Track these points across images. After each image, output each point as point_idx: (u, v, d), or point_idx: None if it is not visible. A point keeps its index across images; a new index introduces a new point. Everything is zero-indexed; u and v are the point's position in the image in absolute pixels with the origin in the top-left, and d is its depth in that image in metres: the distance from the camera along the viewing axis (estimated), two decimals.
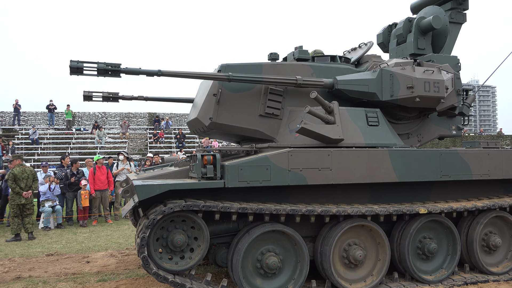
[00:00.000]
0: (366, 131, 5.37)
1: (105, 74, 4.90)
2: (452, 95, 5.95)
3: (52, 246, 8.23)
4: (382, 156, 5.05)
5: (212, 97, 5.32)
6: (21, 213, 8.96)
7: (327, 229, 5.03)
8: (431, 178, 5.30)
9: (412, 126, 6.40)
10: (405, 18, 6.87)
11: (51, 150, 21.61)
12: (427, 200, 5.71)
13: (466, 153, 5.52)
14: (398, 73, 5.54)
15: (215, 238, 4.83)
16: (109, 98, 5.77)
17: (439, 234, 5.50)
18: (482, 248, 5.71)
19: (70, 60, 4.75)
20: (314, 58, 6.01)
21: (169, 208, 4.25)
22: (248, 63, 5.44)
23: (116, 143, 23.67)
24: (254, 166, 4.56)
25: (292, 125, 5.35)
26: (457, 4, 6.98)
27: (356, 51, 6.62)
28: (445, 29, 6.75)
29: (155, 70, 5.01)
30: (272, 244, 4.82)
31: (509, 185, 6.21)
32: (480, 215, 5.66)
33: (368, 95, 5.61)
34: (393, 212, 5.04)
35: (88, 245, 8.25)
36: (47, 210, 10.25)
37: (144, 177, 5.14)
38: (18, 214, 8.90)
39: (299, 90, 5.49)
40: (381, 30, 7.50)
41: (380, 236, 5.11)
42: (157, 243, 4.46)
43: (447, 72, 5.86)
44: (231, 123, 5.36)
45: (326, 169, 4.79)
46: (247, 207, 4.52)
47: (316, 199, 5.17)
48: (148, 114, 28.58)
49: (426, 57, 6.44)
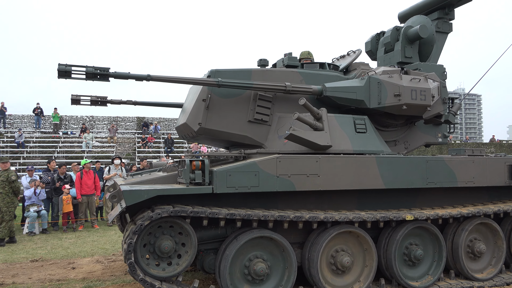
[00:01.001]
0: (354, 138, 5.41)
1: (94, 78, 4.87)
2: (438, 103, 6.05)
3: (36, 252, 8.10)
4: (370, 163, 5.10)
5: (201, 102, 5.32)
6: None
7: (315, 235, 5.05)
8: (418, 185, 5.36)
9: (399, 134, 6.48)
10: (393, 27, 6.98)
11: (37, 153, 21.32)
12: (414, 207, 5.77)
13: (452, 160, 5.60)
14: (385, 81, 5.62)
15: (203, 244, 4.81)
16: (97, 102, 5.74)
17: (425, 240, 5.56)
18: (467, 254, 5.78)
19: (58, 64, 4.71)
20: (303, 65, 6.06)
21: (157, 213, 4.22)
22: (237, 69, 5.46)
23: (103, 147, 23.45)
24: (243, 172, 4.56)
25: (281, 131, 5.37)
26: (444, 14, 7.12)
27: (345, 58, 6.69)
28: (431, 38, 6.87)
29: (144, 75, 5.00)
30: (260, 250, 4.82)
31: (493, 192, 6.32)
32: (465, 222, 5.73)
33: (356, 102, 5.67)
34: (380, 218, 5.08)
35: (73, 251, 8.13)
36: (32, 215, 10.09)
37: (131, 182, 5.10)
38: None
39: (288, 97, 5.52)
40: (369, 38, 7.60)
41: (367, 242, 5.15)
42: (144, 249, 4.42)
43: (433, 81, 5.95)
44: (220, 128, 5.36)
45: (314, 175, 4.82)
46: (235, 213, 4.51)
47: (304, 205, 5.19)
48: (137, 118, 28.42)
49: (413, 66, 6.53)
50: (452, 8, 7.13)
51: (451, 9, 7.14)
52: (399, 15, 7.92)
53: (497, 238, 5.97)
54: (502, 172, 5.94)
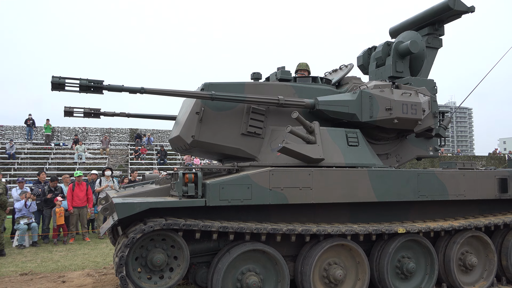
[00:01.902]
0: (346, 151, 5.46)
1: (87, 90, 4.87)
2: (429, 117, 6.13)
3: (26, 265, 7.98)
4: (362, 176, 5.14)
5: (194, 115, 5.35)
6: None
7: (307, 248, 5.05)
8: (409, 198, 5.40)
9: (391, 147, 6.54)
10: (384, 42, 7.10)
11: (28, 165, 21.13)
12: (406, 220, 5.80)
13: (443, 173, 5.66)
14: (377, 95, 5.69)
15: (195, 257, 4.78)
16: (90, 114, 5.74)
17: (417, 253, 5.58)
18: (459, 267, 5.80)
19: (52, 76, 4.72)
20: (296, 78, 6.13)
21: (149, 226, 4.20)
22: (231, 82, 5.50)
23: (96, 158, 23.31)
24: (236, 185, 4.57)
25: (274, 144, 5.40)
26: (434, 30, 7.26)
27: (337, 72, 6.78)
28: (422, 54, 6.99)
29: (138, 88, 5.01)
30: (252, 264, 4.80)
31: (484, 206, 6.37)
32: (456, 235, 5.77)
33: (348, 116, 5.73)
34: (373, 231, 5.10)
35: (64, 264, 8.03)
36: (22, 227, 9.96)
37: (124, 194, 5.08)
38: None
39: (281, 110, 5.57)
40: (361, 53, 7.71)
41: (360, 255, 5.15)
42: (136, 262, 4.39)
43: (424, 95, 6.04)
44: (213, 141, 5.38)
45: (306, 188, 4.84)
46: (228, 226, 4.51)
47: (297, 218, 5.20)
48: (130, 130, 28.34)
49: (404, 80, 6.63)
50: (441, 24, 7.28)
51: (441, 25, 7.28)
52: (390, 30, 8.07)
53: (489, 251, 6.01)
54: (492, 186, 6.00)
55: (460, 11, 6.91)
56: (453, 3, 6.76)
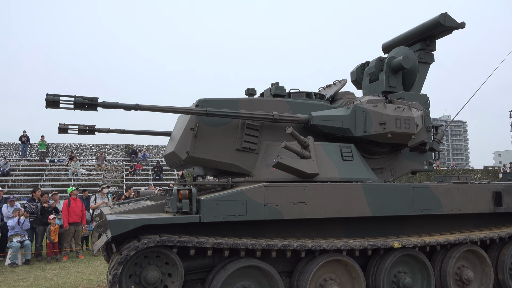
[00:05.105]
0: (341, 165, 5.47)
1: (82, 107, 4.89)
2: (422, 131, 6.18)
3: (18, 284, 7.86)
4: (356, 190, 5.14)
5: (189, 131, 5.36)
6: None
7: (303, 264, 5.01)
8: (404, 212, 5.40)
9: (385, 161, 6.57)
10: (377, 58, 7.20)
11: (22, 182, 20.96)
12: (402, 234, 5.78)
13: (437, 188, 5.68)
14: (370, 110, 5.74)
15: (190, 274, 4.73)
16: (85, 130, 5.72)
17: (413, 268, 5.55)
18: (456, 282, 5.77)
19: (47, 94, 4.73)
20: (290, 94, 6.18)
21: (143, 243, 4.17)
22: (225, 98, 5.54)
23: (91, 175, 23.17)
24: (230, 201, 4.56)
25: (269, 159, 5.41)
26: (425, 45, 7.37)
27: (331, 87, 6.84)
28: (414, 69, 7.09)
29: (132, 104, 5.03)
30: (247, 280, 4.76)
31: (479, 219, 6.38)
32: (452, 249, 5.75)
33: (342, 131, 5.76)
34: (368, 246, 5.08)
35: (57, 282, 7.91)
36: (15, 245, 9.83)
37: (118, 211, 5.05)
38: None
39: (275, 125, 5.59)
40: (354, 68, 7.81)
41: (356, 271, 5.12)
42: (130, 280, 4.33)
43: (417, 110, 6.10)
44: (208, 157, 5.39)
45: (301, 203, 4.83)
46: (222, 242, 4.48)
47: (292, 233, 5.18)
48: (125, 146, 28.25)
49: (397, 95, 6.70)
50: (433, 39, 7.41)
51: (432, 40, 7.41)
52: (383, 46, 8.18)
53: (485, 265, 5.99)
54: (486, 199, 6.02)
55: (451, 27, 7.05)
56: (443, 19, 6.89)
